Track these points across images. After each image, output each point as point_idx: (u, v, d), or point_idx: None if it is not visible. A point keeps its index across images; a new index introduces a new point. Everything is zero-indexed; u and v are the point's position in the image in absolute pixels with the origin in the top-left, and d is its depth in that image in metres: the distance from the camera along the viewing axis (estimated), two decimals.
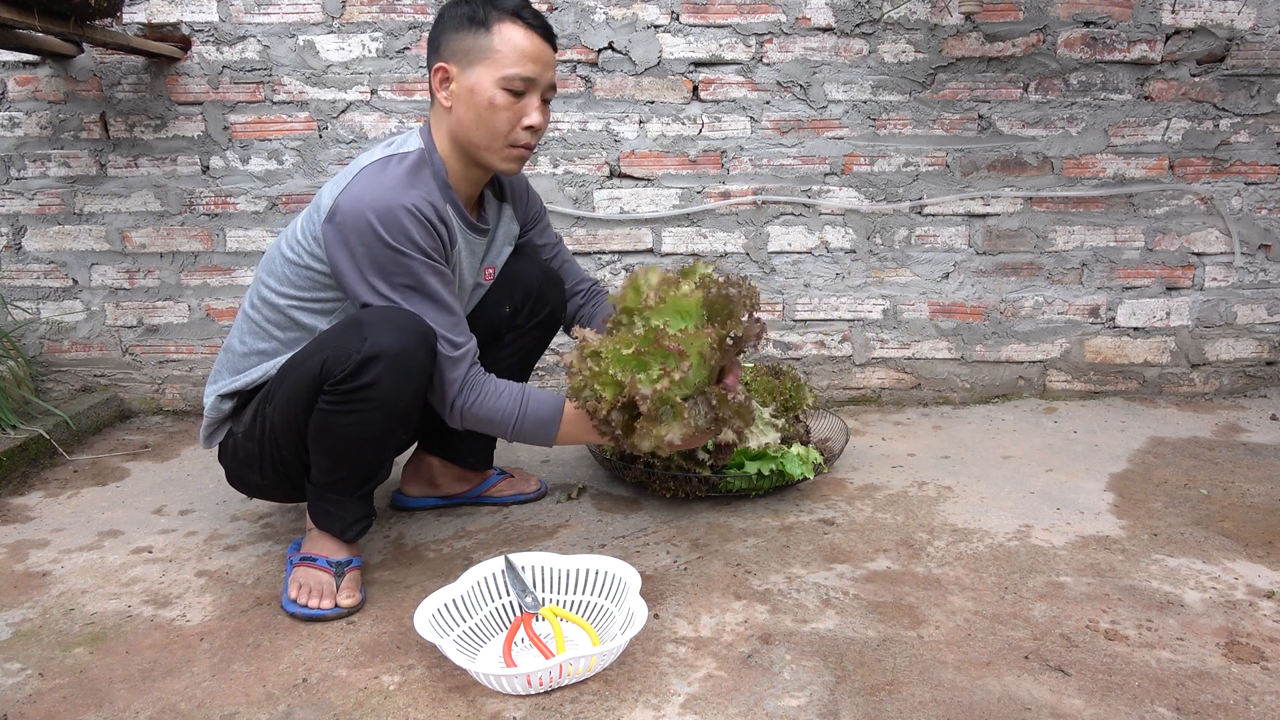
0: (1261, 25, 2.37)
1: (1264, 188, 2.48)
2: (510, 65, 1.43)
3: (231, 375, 1.57)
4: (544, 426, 1.49)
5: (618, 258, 2.51)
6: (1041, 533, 1.72)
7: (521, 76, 1.44)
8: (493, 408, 1.47)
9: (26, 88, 2.39)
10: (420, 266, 1.42)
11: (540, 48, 1.46)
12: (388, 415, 1.41)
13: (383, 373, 1.37)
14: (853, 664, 1.30)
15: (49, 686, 1.29)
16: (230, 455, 1.60)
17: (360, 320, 1.40)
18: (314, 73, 2.38)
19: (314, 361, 1.41)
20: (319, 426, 1.43)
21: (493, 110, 1.45)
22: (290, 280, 1.51)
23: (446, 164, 1.52)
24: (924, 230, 2.50)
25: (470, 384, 1.48)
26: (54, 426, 2.23)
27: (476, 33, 1.44)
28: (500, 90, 1.44)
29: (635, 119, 2.43)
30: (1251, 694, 1.22)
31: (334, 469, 1.48)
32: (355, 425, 1.41)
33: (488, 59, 1.43)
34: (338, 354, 1.38)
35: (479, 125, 1.46)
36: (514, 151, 1.50)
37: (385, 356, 1.36)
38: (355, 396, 1.38)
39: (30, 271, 2.50)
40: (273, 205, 2.46)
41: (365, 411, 1.39)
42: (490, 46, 1.43)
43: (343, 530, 1.52)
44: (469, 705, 1.22)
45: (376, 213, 1.39)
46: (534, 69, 1.45)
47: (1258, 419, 2.39)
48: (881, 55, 2.39)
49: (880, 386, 2.60)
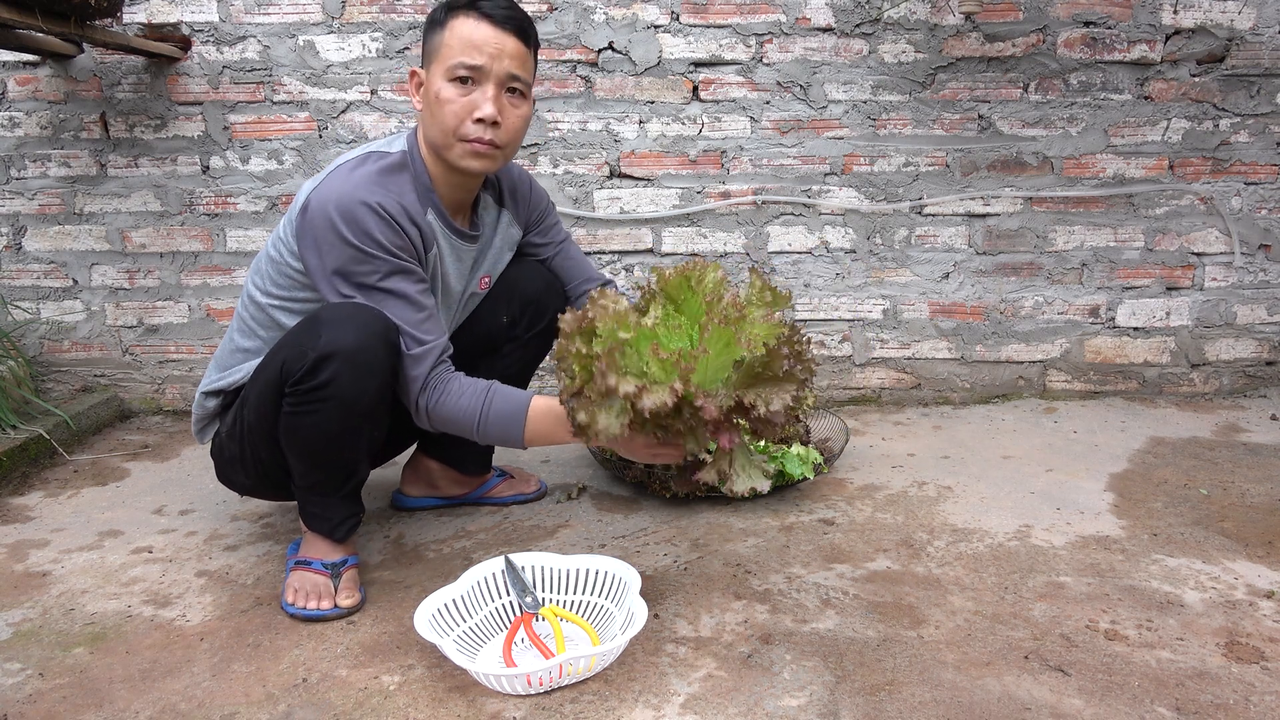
0: (1261, 25, 2.37)
1: (1264, 188, 2.48)
2: (454, 55, 1.40)
3: (218, 372, 1.57)
4: (509, 422, 1.41)
5: (618, 258, 2.51)
6: (1041, 533, 1.72)
7: (465, 64, 1.40)
8: (455, 407, 1.42)
9: (27, 88, 2.39)
10: (383, 264, 1.39)
11: (489, 35, 1.41)
12: (348, 413, 1.38)
13: (339, 370, 1.34)
14: (853, 664, 1.30)
15: (49, 686, 1.29)
16: (218, 454, 1.61)
17: (317, 318, 1.38)
18: (314, 73, 2.38)
19: (275, 362, 1.40)
20: (285, 429, 1.42)
21: (440, 104, 1.42)
22: (272, 279, 1.50)
23: (429, 168, 1.50)
24: (924, 230, 2.50)
25: (433, 383, 1.43)
26: (54, 426, 2.23)
27: (436, 32, 1.44)
28: (445, 83, 1.41)
29: (635, 119, 2.43)
30: (1251, 694, 1.22)
31: (310, 471, 1.47)
32: (319, 425, 1.39)
33: (439, 54, 1.42)
34: (295, 354, 1.36)
35: (433, 122, 1.44)
36: (468, 146, 1.44)
37: (341, 354, 1.34)
38: (314, 396, 1.36)
39: (30, 271, 2.50)
40: (273, 205, 2.46)
41: (326, 411, 1.37)
42: (442, 42, 1.42)
43: (332, 530, 1.51)
44: (469, 705, 1.22)
45: (339, 209, 1.37)
46: (478, 57, 1.40)
47: (1258, 419, 2.39)
48: (881, 55, 2.39)
49: (880, 386, 2.60)
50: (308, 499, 1.52)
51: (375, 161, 1.45)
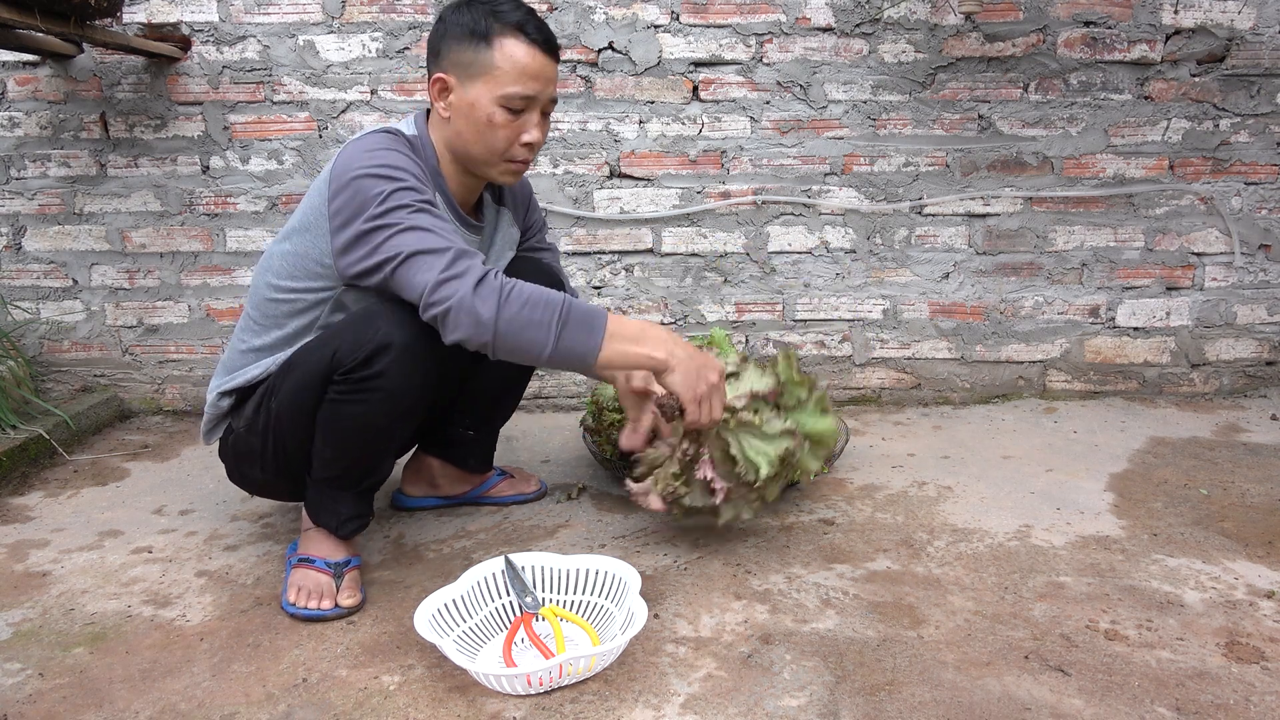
0: (1261, 25, 2.37)
1: (1264, 188, 2.48)
2: (510, 84, 1.41)
3: (230, 373, 1.57)
4: (592, 316, 1.32)
5: (618, 258, 2.51)
6: (1041, 533, 1.72)
7: (522, 95, 1.42)
8: (535, 292, 1.30)
9: (26, 88, 2.39)
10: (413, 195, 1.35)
11: (542, 64, 1.43)
12: (394, 405, 1.41)
13: (392, 362, 1.37)
14: (853, 664, 1.30)
15: (49, 686, 1.29)
16: (230, 451, 1.60)
17: (372, 311, 1.40)
18: (314, 73, 2.38)
19: (325, 351, 1.41)
20: (326, 417, 1.43)
21: (491, 128, 1.43)
22: (287, 271, 1.49)
23: (442, 164, 1.51)
24: (924, 230, 2.50)
25: (499, 276, 1.31)
26: (54, 426, 2.23)
27: (478, 46, 1.41)
28: (499, 108, 1.42)
29: (635, 119, 2.43)
30: (1251, 694, 1.22)
31: (337, 460, 1.48)
32: (363, 415, 1.41)
33: (488, 75, 1.41)
34: (350, 344, 1.38)
35: (478, 141, 1.45)
36: (512, 166, 1.49)
37: (397, 346, 1.37)
38: (364, 385, 1.39)
39: (30, 271, 2.50)
40: (273, 205, 2.46)
41: (374, 401, 1.40)
42: (491, 62, 1.41)
43: (338, 525, 1.52)
44: (469, 705, 1.22)
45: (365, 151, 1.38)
46: (535, 86, 1.43)
47: (1258, 419, 2.39)
48: (881, 55, 2.39)
49: (880, 386, 2.60)
50: (321, 491, 1.51)
51: (388, 133, 1.46)
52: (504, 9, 1.42)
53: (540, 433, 2.39)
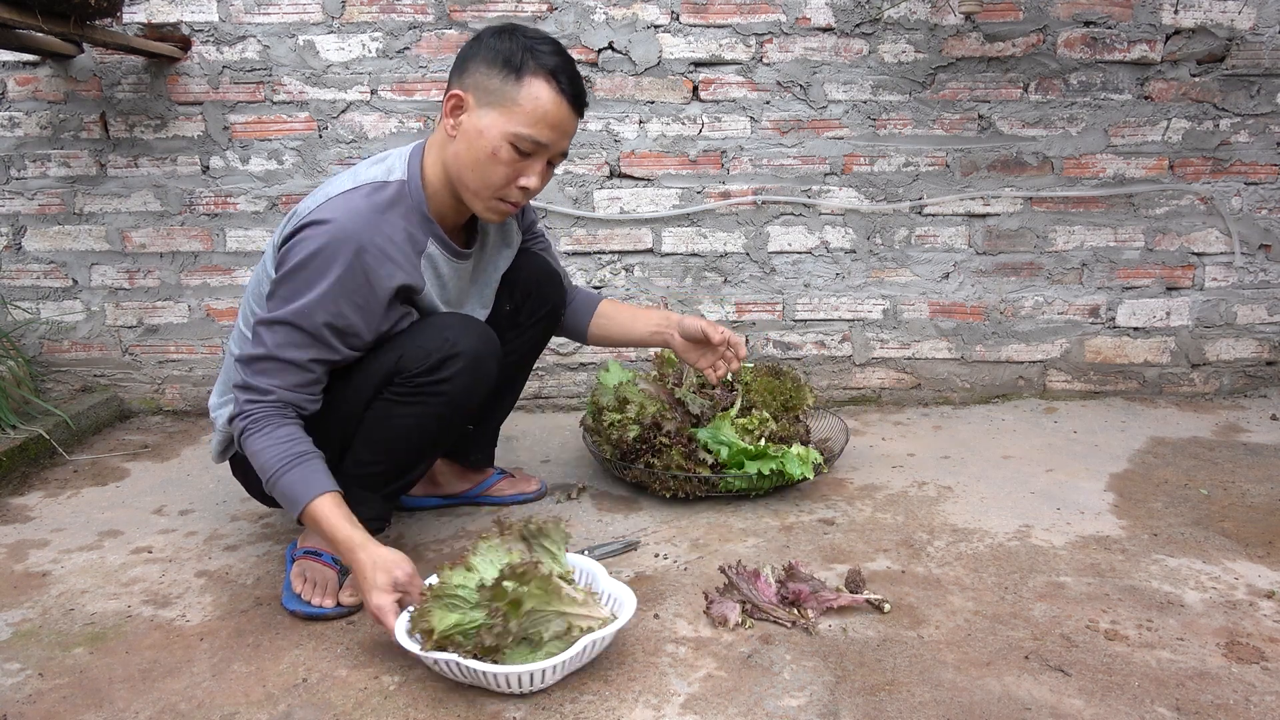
0: (1261, 25, 2.37)
1: (1264, 188, 2.48)
2: (527, 124, 1.37)
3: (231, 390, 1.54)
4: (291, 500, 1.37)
5: (618, 257, 2.51)
6: (1041, 533, 1.72)
7: (534, 140, 1.38)
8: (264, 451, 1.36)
9: (26, 88, 2.39)
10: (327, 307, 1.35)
11: (565, 116, 1.39)
12: (454, 411, 1.47)
13: (461, 370, 1.44)
14: (853, 664, 1.30)
15: (49, 686, 1.29)
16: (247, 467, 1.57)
17: (438, 324, 1.46)
18: (314, 73, 2.38)
19: (388, 358, 1.44)
20: (377, 416, 1.46)
21: (493, 161, 1.38)
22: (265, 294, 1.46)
23: (434, 191, 1.46)
24: (924, 230, 2.50)
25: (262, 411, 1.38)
26: (54, 426, 2.23)
27: (506, 76, 1.36)
28: (507, 144, 1.37)
29: (635, 119, 2.42)
30: (1251, 694, 1.22)
31: (374, 461, 1.49)
32: (418, 416, 1.45)
33: (507, 108, 1.37)
34: (418, 351, 1.43)
35: (474, 169, 1.40)
36: (500, 205, 1.44)
37: (466, 355, 1.44)
38: (429, 389, 1.43)
39: (30, 271, 2.50)
40: (273, 205, 2.46)
41: (434, 404, 1.44)
42: (514, 97, 1.36)
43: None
44: (469, 705, 1.22)
45: (332, 231, 1.34)
46: (550, 135, 1.39)
47: (1258, 419, 2.39)
48: (881, 55, 2.39)
49: (880, 386, 2.60)
50: (348, 489, 1.45)
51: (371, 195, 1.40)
52: (544, 50, 1.38)
53: (540, 433, 2.39)
